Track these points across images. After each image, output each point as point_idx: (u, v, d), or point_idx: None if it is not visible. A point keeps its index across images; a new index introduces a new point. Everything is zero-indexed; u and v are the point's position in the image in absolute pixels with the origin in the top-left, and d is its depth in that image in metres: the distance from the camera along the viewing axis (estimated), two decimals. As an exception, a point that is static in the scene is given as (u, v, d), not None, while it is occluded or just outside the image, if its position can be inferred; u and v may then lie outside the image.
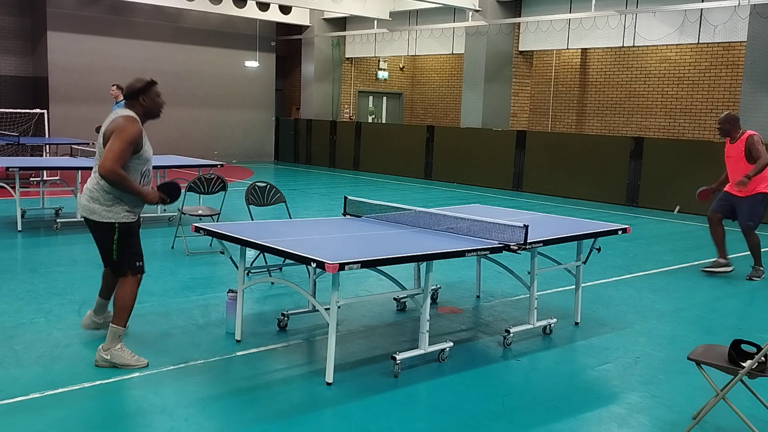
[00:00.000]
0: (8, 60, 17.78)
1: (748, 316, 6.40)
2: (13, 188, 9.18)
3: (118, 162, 4.32)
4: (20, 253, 8.20)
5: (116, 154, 4.31)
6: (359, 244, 4.93)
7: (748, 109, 12.83)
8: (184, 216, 8.24)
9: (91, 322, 5.05)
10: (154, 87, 4.61)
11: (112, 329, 4.50)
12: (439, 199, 14.19)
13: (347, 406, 4.09)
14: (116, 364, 4.44)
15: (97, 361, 4.48)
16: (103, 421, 3.80)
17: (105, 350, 4.48)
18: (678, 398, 4.41)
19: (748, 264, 8.09)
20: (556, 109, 19.91)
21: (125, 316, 4.55)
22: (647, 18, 15.06)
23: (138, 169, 4.50)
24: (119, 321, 4.52)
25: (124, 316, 4.54)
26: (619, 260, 8.56)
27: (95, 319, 5.05)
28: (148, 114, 4.60)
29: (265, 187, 7.23)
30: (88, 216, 4.50)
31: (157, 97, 4.62)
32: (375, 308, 6.11)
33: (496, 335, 5.51)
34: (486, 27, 17.01)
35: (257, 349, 4.98)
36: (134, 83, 4.57)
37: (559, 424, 3.99)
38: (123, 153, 4.34)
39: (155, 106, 4.62)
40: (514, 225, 4.88)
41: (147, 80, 4.57)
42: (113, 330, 4.50)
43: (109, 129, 4.41)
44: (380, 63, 22.93)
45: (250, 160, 21.22)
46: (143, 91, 4.55)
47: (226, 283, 6.59)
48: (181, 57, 19.57)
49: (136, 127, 4.40)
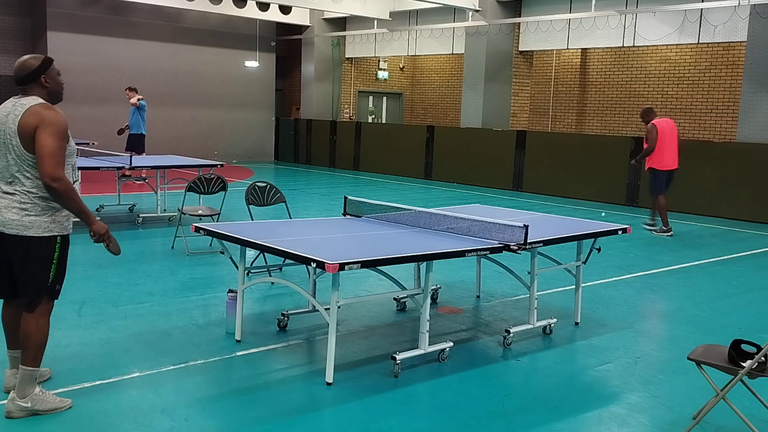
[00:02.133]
0: (8, 60, 17.77)
1: (748, 316, 6.40)
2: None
3: (60, 165, 3.61)
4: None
5: (55, 154, 3.58)
6: (359, 244, 4.93)
7: (748, 109, 12.84)
8: (184, 216, 8.24)
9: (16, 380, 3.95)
10: (54, 64, 3.85)
11: (26, 372, 3.72)
12: (439, 199, 14.19)
13: (347, 406, 4.09)
14: (38, 410, 3.76)
15: (11, 413, 3.71)
16: (104, 421, 3.79)
17: (22, 398, 3.72)
18: (678, 398, 4.41)
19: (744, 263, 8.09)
20: (556, 109, 19.91)
21: (41, 355, 3.77)
22: (647, 18, 15.06)
23: (69, 164, 3.79)
24: (34, 362, 3.74)
25: (40, 355, 3.76)
26: (619, 260, 8.56)
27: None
28: (52, 97, 3.82)
29: (265, 187, 7.23)
30: (21, 232, 3.65)
31: (58, 76, 3.87)
32: (375, 308, 6.11)
33: (496, 335, 5.51)
34: (486, 27, 17.01)
35: (257, 349, 4.98)
36: (30, 62, 3.79)
37: (559, 424, 3.99)
38: (61, 151, 3.63)
39: (58, 86, 3.86)
40: (514, 225, 4.88)
41: (43, 56, 3.81)
42: (27, 373, 3.73)
43: (29, 123, 3.61)
44: (380, 63, 22.93)
45: (250, 160, 21.22)
46: (44, 69, 3.78)
47: (226, 283, 6.59)
48: (181, 57, 19.57)
49: (63, 116, 3.68)
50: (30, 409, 3.75)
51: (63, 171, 3.62)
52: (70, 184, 3.65)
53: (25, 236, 3.66)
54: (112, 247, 3.97)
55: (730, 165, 12.78)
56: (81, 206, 3.70)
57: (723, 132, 16.70)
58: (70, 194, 3.63)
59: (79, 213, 3.70)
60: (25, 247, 3.68)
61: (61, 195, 3.62)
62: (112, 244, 3.95)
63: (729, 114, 16.54)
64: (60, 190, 3.59)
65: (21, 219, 3.66)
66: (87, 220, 3.75)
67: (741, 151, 12.71)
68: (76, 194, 3.69)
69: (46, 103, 3.74)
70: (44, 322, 3.79)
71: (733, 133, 15.77)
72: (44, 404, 3.79)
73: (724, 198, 12.81)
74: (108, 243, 3.90)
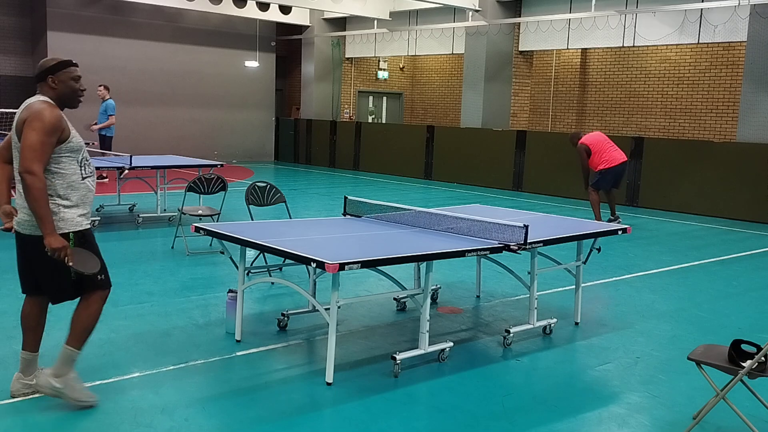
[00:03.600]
0: (8, 60, 17.78)
1: (748, 316, 6.40)
2: (13, 188, 9.14)
3: (38, 160, 3.52)
4: (20, 253, 8.19)
5: (34, 149, 3.52)
6: (359, 244, 4.92)
7: (748, 109, 12.84)
8: (184, 216, 8.24)
9: (22, 385, 3.98)
10: (70, 68, 3.78)
11: (69, 352, 3.81)
12: (439, 199, 14.19)
13: (347, 406, 4.09)
14: (65, 395, 3.81)
15: (41, 387, 3.81)
16: (104, 421, 3.79)
17: (56, 376, 3.80)
18: (678, 398, 4.41)
19: (744, 263, 8.09)
20: (556, 109, 19.91)
21: (86, 338, 3.89)
22: (647, 18, 15.06)
23: (74, 159, 3.74)
24: (79, 343, 3.85)
25: (85, 338, 3.88)
26: (619, 260, 8.56)
27: (26, 381, 3.98)
28: (61, 100, 3.76)
29: (265, 187, 7.23)
30: (33, 232, 3.68)
31: (72, 80, 3.77)
32: (375, 308, 6.11)
33: (496, 335, 5.51)
34: (486, 27, 17.01)
35: (257, 349, 4.98)
36: (44, 62, 3.77)
37: (559, 424, 3.99)
38: (43, 147, 3.54)
39: (69, 91, 3.77)
40: (514, 225, 4.88)
41: (61, 59, 3.77)
42: (68, 353, 3.81)
43: (21, 118, 3.62)
44: (380, 63, 22.93)
45: (250, 160, 21.22)
46: (52, 71, 3.73)
47: (226, 283, 6.59)
48: (181, 57, 19.57)
49: (55, 113, 3.61)
50: (59, 390, 3.80)
51: (40, 167, 3.53)
52: (42, 183, 3.54)
53: (38, 235, 3.65)
54: (78, 266, 3.65)
55: (730, 165, 12.78)
56: (43, 211, 3.54)
57: (723, 132, 16.70)
58: (36, 193, 3.52)
59: (38, 216, 3.56)
60: (39, 246, 3.65)
61: (29, 188, 3.53)
62: (76, 262, 3.64)
63: (729, 114, 16.54)
64: (29, 183, 3.51)
65: (31, 219, 3.67)
66: (43, 228, 3.57)
67: (741, 151, 12.71)
68: (44, 197, 3.55)
69: (44, 100, 3.68)
70: (97, 307, 3.87)
71: (733, 133, 15.77)
72: (73, 392, 3.84)
73: (724, 198, 12.81)
74: (69, 260, 3.61)
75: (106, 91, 14.38)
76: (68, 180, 3.73)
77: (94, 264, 3.76)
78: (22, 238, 3.79)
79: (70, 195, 3.73)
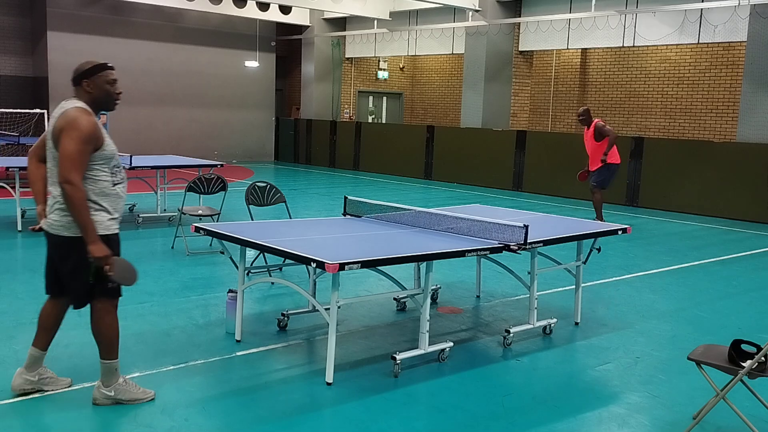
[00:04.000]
0: (8, 60, 17.78)
1: (748, 316, 6.40)
2: (13, 188, 9.18)
3: (76, 170, 3.58)
4: (20, 253, 8.20)
5: (73, 159, 3.57)
6: (359, 244, 4.92)
7: (748, 109, 12.84)
8: (184, 216, 8.24)
9: (24, 381, 4.00)
10: (106, 72, 3.80)
11: (106, 365, 3.90)
12: (439, 199, 14.19)
13: (347, 406, 4.09)
14: (122, 400, 3.92)
15: (98, 400, 3.91)
16: (104, 421, 3.80)
17: (106, 386, 3.91)
18: (678, 398, 4.41)
19: (744, 263, 8.09)
20: (556, 109, 19.91)
21: (116, 347, 3.92)
22: (647, 18, 15.06)
23: (106, 166, 3.76)
24: (110, 354, 3.90)
25: (115, 348, 3.91)
26: (619, 260, 8.56)
27: (28, 377, 4.01)
28: (96, 104, 3.79)
29: (265, 187, 7.23)
30: (61, 233, 3.72)
31: (107, 84, 3.80)
32: (375, 308, 6.11)
33: (496, 335, 5.51)
34: (486, 27, 17.01)
35: (257, 349, 4.98)
36: (80, 66, 3.80)
37: (559, 424, 3.99)
38: (81, 156, 3.60)
39: (104, 95, 3.80)
40: (514, 225, 4.88)
41: (97, 62, 3.81)
42: (107, 366, 3.90)
43: (58, 126, 3.65)
44: (380, 63, 22.93)
45: (250, 160, 21.22)
46: (88, 75, 3.77)
47: (226, 283, 6.59)
48: (181, 57, 19.57)
49: (90, 120, 3.65)
50: (113, 398, 3.92)
51: (79, 176, 3.60)
52: (81, 191, 3.60)
53: (65, 236, 3.72)
54: (118, 276, 3.72)
55: (730, 165, 12.78)
56: (84, 217, 3.61)
57: (723, 132, 16.70)
58: (77, 201, 3.58)
59: (80, 224, 3.62)
60: (65, 247, 3.73)
61: (70, 198, 3.58)
62: (117, 273, 3.71)
63: (729, 114, 16.54)
64: (69, 193, 3.57)
65: (60, 219, 3.72)
66: (86, 236, 3.63)
67: (741, 151, 12.71)
68: (85, 205, 3.62)
69: (80, 107, 3.72)
70: (110, 318, 3.88)
71: (733, 133, 15.77)
72: (127, 394, 3.94)
73: (724, 198, 12.81)
74: (110, 269, 3.68)
75: None
76: (100, 186, 3.75)
77: (132, 276, 3.81)
78: (49, 238, 3.83)
79: (101, 201, 3.75)
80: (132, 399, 3.95)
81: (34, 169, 3.98)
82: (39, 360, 4.03)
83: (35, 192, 3.98)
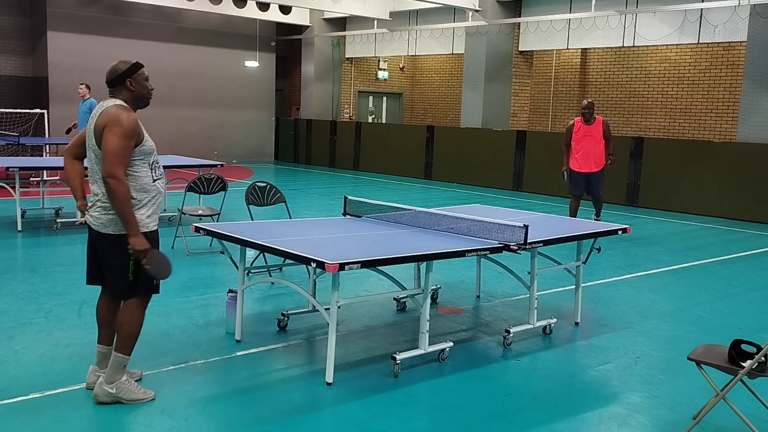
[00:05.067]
0: (8, 60, 17.78)
1: (748, 316, 6.40)
2: (13, 188, 9.18)
3: (120, 164, 3.69)
4: (20, 253, 8.20)
5: (116, 154, 3.68)
6: (359, 244, 4.92)
7: (748, 109, 12.84)
8: (184, 216, 8.24)
9: (97, 378, 4.10)
10: (142, 70, 3.95)
11: (117, 358, 3.92)
12: (439, 199, 14.19)
13: (347, 406, 4.09)
14: (122, 398, 3.92)
15: (98, 396, 3.91)
16: (103, 421, 3.80)
17: (109, 383, 3.91)
18: (678, 398, 4.41)
19: (744, 263, 8.08)
20: (556, 109, 19.91)
21: (132, 344, 3.98)
22: (647, 18, 15.06)
23: (145, 162, 3.87)
24: (125, 349, 3.94)
25: (131, 344, 3.97)
26: (619, 260, 8.56)
27: (101, 373, 4.11)
28: (137, 101, 3.93)
29: (265, 187, 7.23)
30: (102, 230, 3.82)
31: (145, 80, 3.96)
32: (375, 308, 6.11)
33: (496, 335, 5.51)
34: (486, 27, 17.01)
35: (257, 349, 4.98)
36: (118, 66, 3.90)
37: (559, 424, 3.99)
38: (124, 151, 3.71)
39: (145, 91, 3.96)
40: (514, 225, 4.88)
41: (133, 62, 3.93)
42: (118, 360, 3.92)
43: (100, 123, 3.75)
44: (380, 63, 22.92)
45: (250, 160, 21.22)
46: (130, 73, 3.89)
47: (226, 283, 6.59)
48: (181, 57, 19.57)
49: (132, 116, 3.77)
50: (114, 396, 3.91)
51: (122, 171, 3.70)
52: (125, 185, 3.70)
53: (105, 233, 3.83)
54: (153, 270, 3.81)
55: (730, 165, 12.78)
56: (127, 211, 3.70)
57: (723, 132, 16.70)
58: (121, 196, 3.68)
59: (123, 218, 3.72)
60: (106, 244, 3.85)
61: (113, 193, 3.67)
62: (153, 267, 3.80)
63: (729, 114, 16.54)
64: (113, 188, 3.66)
65: (100, 216, 3.83)
66: (128, 229, 3.74)
67: (741, 151, 12.71)
68: (127, 198, 3.70)
69: (121, 104, 3.83)
70: (139, 314, 3.97)
71: (733, 133, 15.77)
72: (128, 393, 3.94)
73: (724, 198, 12.81)
74: (147, 263, 3.78)
75: (88, 89, 14.01)
76: (140, 182, 3.84)
77: (167, 271, 3.93)
78: (92, 233, 3.93)
79: (141, 197, 3.85)
80: (132, 399, 3.95)
81: (69, 166, 4.10)
82: (107, 356, 4.09)
83: (73, 188, 4.09)
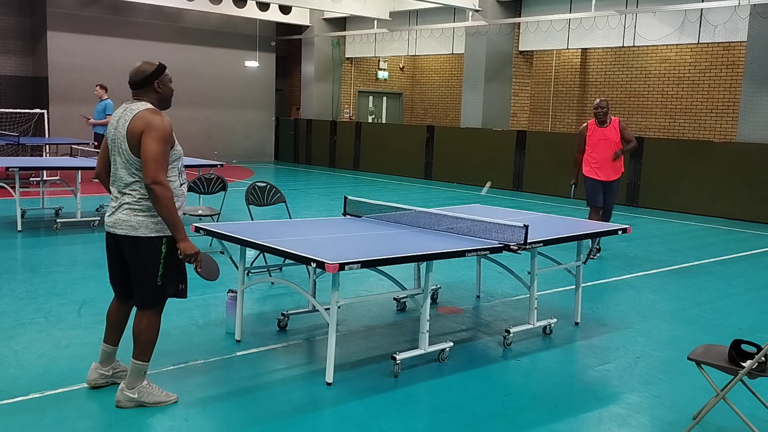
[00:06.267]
0: (8, 60, 17.78)
1: (748, 316, 6.40)
2: (13, 188, 9.17)
3: (162, 170, 3.68)
4: (20, 253, 8.20)
5: (158, 159, 3.66)
6: (359, 244, 4.92)
7: (748, 109, 12.84)
8: (184, 216, 8.22)
9: (99, 375, 4.13)
10: (166, 71, 3.94)
11: (137, 366, 3.89)
12: (439, 199, 14.19)
13: (347, 406, 4.09)
14: (145, 402, 3.89)
15: (121, 402, 3.88)
16: (103, 421, 3.80)
17: (130, 389, 3.89)
18: (678, 398, 4.41)
19: (744, 263, 8.09)
20: (556, 109, 19.91)
21: (151, 350, 3.95)
22: (647, 18, 15.06)
23: (174, 167, 3.86)
24: (144, 356, 3.91)
25: (150, 350, 3.94)
26: (619, 260, 8.55)
27: (103, 371, 4.15)
28: (162, 102, 3.93)
29: (265, 187, 7.23)
30: (129, 233, 3.76)
31: (170, 82, 3.97)
32: (375, 308, 6.11)
33: (496, 335, 5.51)
34: (486, 27, 17.01)
35: (257, 349, 4.98)
36: (144, 68, 3.88)
37: (559, 424, 3.98)
38: (164, 156, 3.70)
39: (170, 92, 3.96)
40: (514, 225, 4.88)
41: (157, 63, 3.91)
42: (138, 367, 3.90)
43: (136, 128, 3.70)
44: (380, 63, 22.93)
45: (250, 160, 21.22)
46: (157, 75, 3.88)
47: (226, 283, 6.58)
48: (181, 57, 19.55)
49: (167, 120, 3.77)
50: (137, 401, 3.90)
51: (165, 175, 3.69)
52: (169, 191, 3.68)
53: (134, 236, 3.77)
54: (204, 271, 3.86)
55: (730, 165, 12.78)
56: (174, 217, 3.70)
57: (723, 132, 16.70)
58: (166, 201, 3.66)
59: (170, 223, 3.71)
60: (135, 247, 3.80)
61: (159, 199, 3.64)
62: (203, 269, 3.85)
63: (729, 114, 16.54)
64: (159, 194, 3.64)
65: (129, 219, 3.78)
66: (176, 234, 3.75)
67: (741, 151, 12.71)
68: (173, 203, 3.70)
69: (153, 108, 3.81)
70: (156, 320, 3.95)
71: (733, 133, 15.77)
72: (150, 397, 3.93)
73: (724, 198, 12.81)
74: (197, 265, 3.82)
75: (104, 90, 14.16)
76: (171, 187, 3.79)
77: (216, 273, 3.97)
78: (115, 239, 3.86)
79: None
80: (155, 402, 3.93)
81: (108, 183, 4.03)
82: (111, 355, 4.14)
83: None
